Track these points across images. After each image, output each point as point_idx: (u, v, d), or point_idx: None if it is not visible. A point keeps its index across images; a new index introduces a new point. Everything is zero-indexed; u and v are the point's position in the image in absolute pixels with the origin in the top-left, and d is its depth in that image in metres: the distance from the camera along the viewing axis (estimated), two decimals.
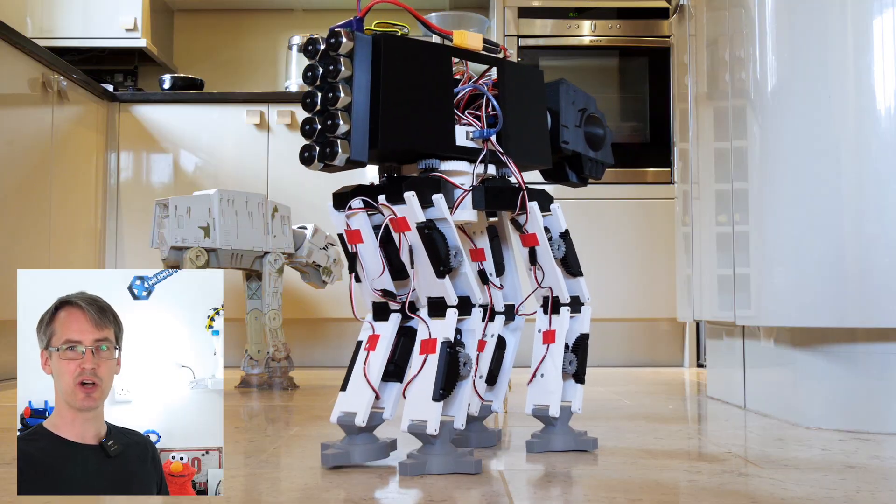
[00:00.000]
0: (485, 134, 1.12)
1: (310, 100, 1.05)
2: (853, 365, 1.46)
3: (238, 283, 2.28)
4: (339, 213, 1.12)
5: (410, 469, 1.05)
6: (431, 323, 1.07)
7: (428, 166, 1.10)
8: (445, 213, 1.06)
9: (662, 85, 3.08)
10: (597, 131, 1.29)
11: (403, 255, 1.07)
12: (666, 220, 2.94)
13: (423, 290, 1.07)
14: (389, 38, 1.05)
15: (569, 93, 1.26)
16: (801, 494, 0.96)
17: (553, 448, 1.22)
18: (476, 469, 1.05)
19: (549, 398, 1.21)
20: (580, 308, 1.24)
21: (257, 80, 3.71)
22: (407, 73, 1.06)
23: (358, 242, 1.11)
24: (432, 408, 1.04)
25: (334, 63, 1.02)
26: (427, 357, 1.05)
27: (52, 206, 2.63)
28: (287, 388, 2.13)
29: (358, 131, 1.02)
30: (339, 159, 1.02)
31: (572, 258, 1.23)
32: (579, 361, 1.23)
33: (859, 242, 1.39)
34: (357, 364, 1.12)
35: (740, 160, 1.61)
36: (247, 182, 2.96)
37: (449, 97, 1.10)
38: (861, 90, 1.40)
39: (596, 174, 1.31)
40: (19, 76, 2.45)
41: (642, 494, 0.96)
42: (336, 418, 1.11)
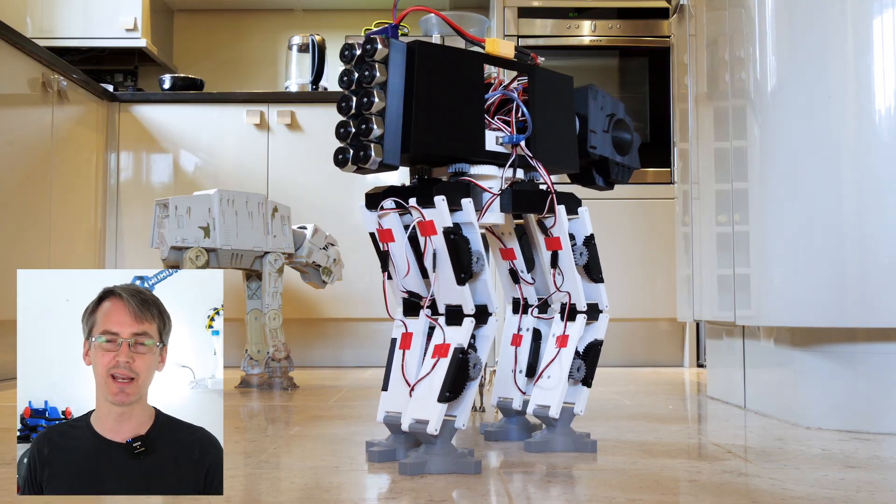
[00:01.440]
0: (514, 139, 1.15)
1: (345, 104, 1.08)
2: (853, 365, 1.46)
3: (238, 283, 2.28)
4: (371, 213, 1.14)
5: (410, 469, 1.05)
6: (447, 330, 1.09)
7: (458, 170, 1.13)
8: (472, 216, 1.09)
9: (662, 85, 3.08)
10: (624, 136, 1.32)
11: (427, 260, 1.10)
12: (666, 220, 2.94)
13: (441, 296, 1.10)
14: (423, 45, 1.07)
15: (597, 98, 1.29)
16: (801, 494, 0.96)
17: (552, 449, 1.22)
18: (476, 469, 1.06)
19: (550, 400, 1.22)
20: (598, 315, 1.26)
21: (257, 80, 3.71)
22: (439, 79, 1.09)
23: (389, 241, 1.14)
24: (435, 408, 1.05)
25: (370, 69, 1.05)
26: (438, 360, 1.07)
27: (52, 206, 2.63)
28: (287, 388, 2.13)
29: (391, 135, 1.05)
30: (371, 162, 1.04)
31: (594, 265, 1.26)
32: (588, 367, 1.25)
33: (859, 242, 1.39)
34: (395, 364, 1.15)
35: (740, 160, 1.61)
36: (247, 182, 2.96)
37: (480, 103, 1.13)
38: (861, 90, 1.40)
39: (622, 178, 1.34)
40: (19, 76, 2.45)
41: (642, 494, 0.96)
42: (382, 417, 1.15)
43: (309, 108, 3.03)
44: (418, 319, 1.14)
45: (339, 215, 2.97)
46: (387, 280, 1.16)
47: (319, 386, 2.25)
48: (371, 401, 1.90)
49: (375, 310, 2.96)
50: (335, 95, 3.11)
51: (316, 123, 3.03)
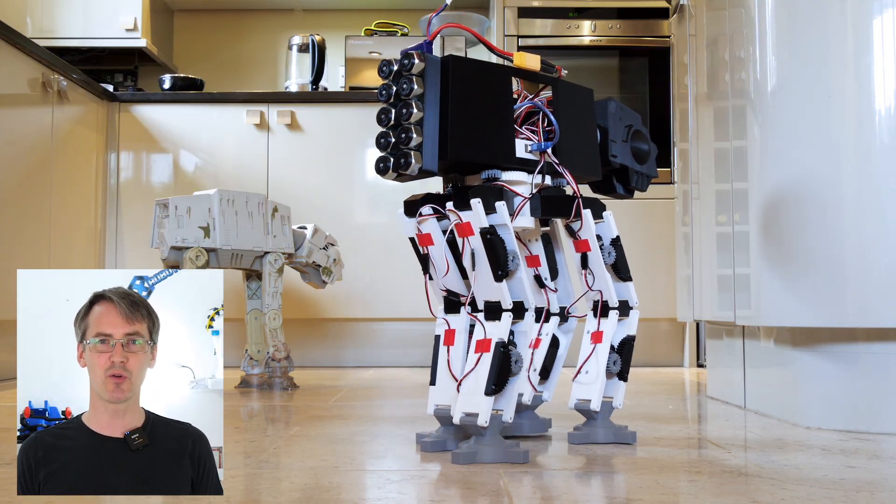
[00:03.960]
0: (542, 146, 1.22)
1: (384, 115, 1.16)
2: (853, 365, 1.46)
3: (238, 283, 2.28)
4: (409, 220, 1.22)
5: (462, 458, 1.13)
6: (487, 325, 1.16)
7: (490, 176, 1.20)
8: (506, 218, 1.15)
9: (662, 85, 3.08)
10: (642, 146, 1.38)
11: (465, 260, 1.17)
12: (666, 220, 2.94)
13: (480, 293, 1.17)
14: (457, 60, 1.15)
15: (616, 110, 1.35)
16: (801, 494, 0.96)
17: (594, 440, 1.30)
18: (524, 459, 1.14)
19: (590, 394, 1.30)
20: (629, 312, 1.34)
21: (257, 80, 3.71)
22: (472, 91, 1.16)
23: (429, 245, 1.22)
24: (484, 402, 1.12)
25: (408, 82, 1.13)
26: (481, 356, 1.14)
27: (52, 206, 2.63)
28: (287, 388, 2.13)
29: (429, 143, 1.13)
30: (412, 169, 1.12)
31: (622, 264, 1.33)
32: (623, 361, 1.33)
33: (859, 242, 1.39)
34: (441, 360, 1.23)
35: (740, 160, 1.61)
36: (247, 182, 2.96)
37: (509, 113, 1.20)
38: (861, 90, 1.40)
39: (642, 186, 1.41)
40: (19, 76, 2.45)
41: (642, 494, 0.96)
42: (432, 410, 1.23)
43: (309, 108, 3.03)
44: (460, 316, 1.22)
45: (339, 215, 2.97)
46: (428, 281, 1.24)
47: (319, 386, 2.25)
48: (371, 401, 1.90)
49: (375, 310, 2.97)
50: (335, 95, 3.11)
51: (316, 123, 3.03)
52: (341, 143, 3.02)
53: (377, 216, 3.01)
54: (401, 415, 1.65)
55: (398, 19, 3.50)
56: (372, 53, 3.30)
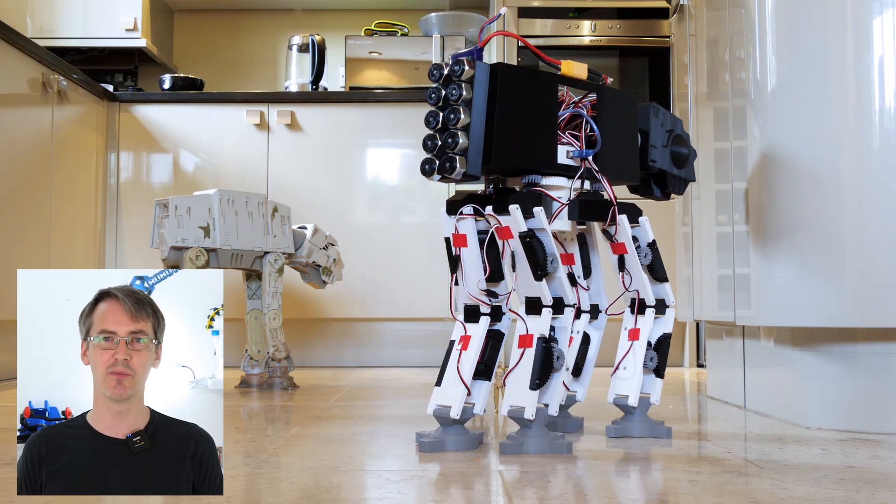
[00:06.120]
0: (584, 154, 1.25)
1: (432, 118, 1.18)
2: (853, 365, 1.46)
3: (238, 283, 2.28)
4: (450, 218, 1.25)
5: (510, 449, 1.18)
6: (529, 320, 1.19)
7: (531, 181, 1.24)
8: (544, 223, 1.19)
9: (662, 85, 3.08)
10: (682, 151, 1.41)
11: (506, 260, 1.21)
12: (666, 221, 2.94)
13: (521, 290, 1.21)
14: (506, 68, 1.17)
15: (658, 115, 1.39)
16: (801, 494, 0.96)
17: (630, 434, 1.34)
18: (568, 450, 1.19)
19: (628, 389, 1.34)
20: (665, 310, 1.37)
21: (257, 80, 3.71)
22: (519, 98, 1.18)
23: (462, 246, 1.24)
24: (529, 396, 1.17)
25: (457, 87, 1.15)
26: (525, 351, 1.18)
27: (52, 206, 2.63)
28: (287, 388, 2.13)
29: (474, 148, 1.15)
30: (456, 173, 1.15)
31: (658, 265, 1.37)
32: (660, 358, 1.37)
33: (859, 242, 1.39)
34: (451, 362, 1.25)
35: (740, 160, 1.61)
36: (247, 182, 2.96)
37: (553, 120, 1.23)
38: (861, 90, 1.40)
39: (678, 190, 1.44)
40: (19, 76, 2.45)
41: (642, 494, 0.96)
42: (432, 410, 1.25)
43: (309, 108, 3.03)
44: (478, 325, 1.24)
45: (339, 215, 2.97)
46: (454, 285, 1.26)
47: (319, 386, 2.25)
48: (371, 401, 1.90)
49: (375, 310, 2.97)
50: (335, 95, 3.11)
51: (316, 123, 3.02)
52: (341, 143, 3.02)
53: (377, 216, 3.01)
54: (401, 415, 1.65)
55: (398, 19, 3.50)
56: (372, 53, 3.30)
